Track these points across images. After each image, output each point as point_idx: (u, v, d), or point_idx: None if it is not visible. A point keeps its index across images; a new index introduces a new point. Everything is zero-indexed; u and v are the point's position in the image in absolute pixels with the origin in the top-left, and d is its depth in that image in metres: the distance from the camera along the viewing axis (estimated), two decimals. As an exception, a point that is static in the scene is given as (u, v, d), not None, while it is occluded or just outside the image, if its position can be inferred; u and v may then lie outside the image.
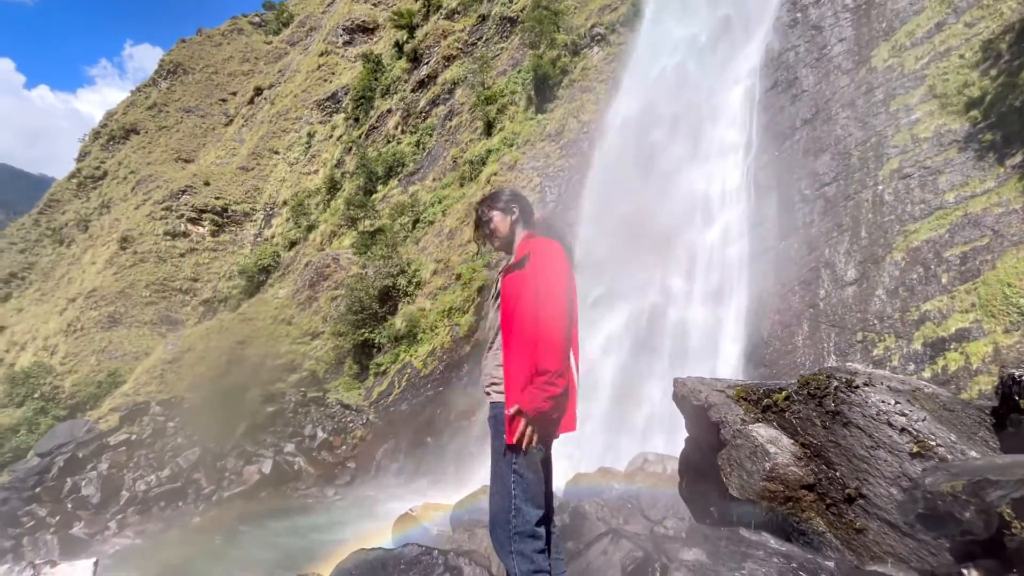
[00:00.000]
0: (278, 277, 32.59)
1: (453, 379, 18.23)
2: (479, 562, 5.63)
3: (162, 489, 17.32)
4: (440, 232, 23.21)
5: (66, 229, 55.33)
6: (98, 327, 37.38)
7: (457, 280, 20.33)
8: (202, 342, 27.57)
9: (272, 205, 42.74)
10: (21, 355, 41.10)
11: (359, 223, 27.73)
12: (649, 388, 12.84)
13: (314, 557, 10.54)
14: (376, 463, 17.91)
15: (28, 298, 50.47)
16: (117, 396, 26.52)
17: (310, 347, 25.16)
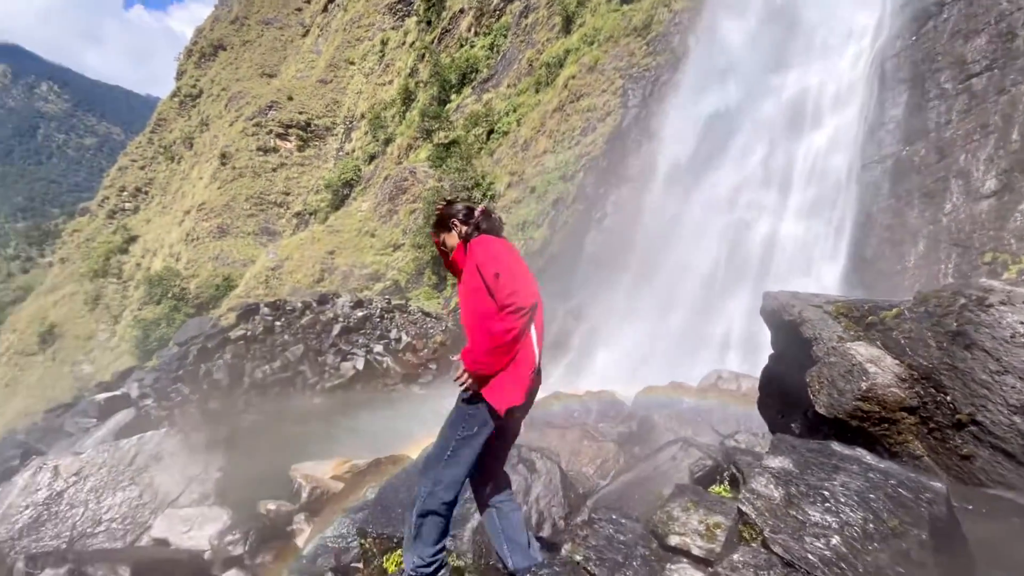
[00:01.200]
0: (360, 191, 33.88)
1: (527, 292, 18.58)
2: (550, 457, 6.04)
3: (275, 377, 19.94)
4: (515, 143, 22.56)
5: (174, 146, 60.24)
6: (210, 237, 41.65)
7: (531, 193, 20.00)
8: (297, 252, 29.95)
9: (351, 119, 43.41)
10: (154, 260, 47.19)
11: (434, 135, 27.58)
12: (730, 306, 12.34)
13: (402, 442, 11.85)
14: (449, 365, 19.24)
15: (153, 210, 56.79)
16: (232, 298, 30.04)
17: (392, 258, 26.53)
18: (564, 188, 18.55)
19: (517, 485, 5.38)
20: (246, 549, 6.77)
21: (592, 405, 10.76)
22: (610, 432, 9.60)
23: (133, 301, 43.43)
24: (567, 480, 5.78)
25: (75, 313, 51.07)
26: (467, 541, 4.81)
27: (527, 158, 21.30)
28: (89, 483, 8.93)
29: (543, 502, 5.51)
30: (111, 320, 46.50)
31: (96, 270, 50.69)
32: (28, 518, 8.62)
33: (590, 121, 19.18)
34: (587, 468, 7.42)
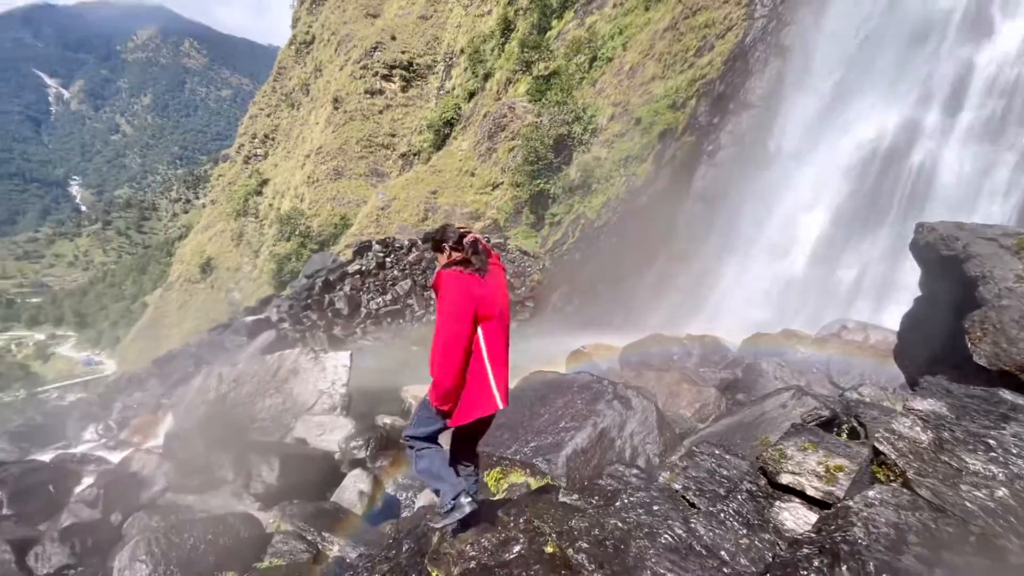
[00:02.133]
0: (460, 129, 34.15)
1: (628, 231, 17.92)
2: (646, 396, 5.98)
3: (387, 309, 21.74)
4: (619, 70, 21.01)
5: (293, 94, 64.66)
6: (328, 179, 45.03)
7: (636, 125, 18.73)
8: (404, 192, 31.43)
9: (450, 55, 43.14)
10: (283, 201, 52.44)
11: (533, 66, 26.55)
12: (864, 247, 10.90)
13: (502, 374, 12.44)
14: (552, 304, 19.47)
15: (279, 155, 62.40)
16: (348, 236, 32.67)
17: (491, 197, 26.84)
18: (673, 118, 17.11)
19: (611, 420, 5.44)
20: (367, 454, 7.70)
21: (693, 349, 10.37)
22: (712, 377, 9.26)
23: (268, 238, 49.11)
24: (663, 419, 5.72)
25: (225, 248, 59.15)
26: (561, 466, 5.03)
27: (632, 86, 19.82)
28: (245, 388, 10.61)
29: (637, 438, 5.54)
30: (252, 254, 53.21)
31: (238, 210, 57.70)
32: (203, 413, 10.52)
33: (707, 39, 17.16)
34: (685, 411, 7.27)
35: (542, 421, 5.61)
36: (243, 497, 5.93)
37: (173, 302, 61.64)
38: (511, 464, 5.31)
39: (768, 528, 1.80)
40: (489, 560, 2.23)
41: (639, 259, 17.12)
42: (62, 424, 16.68)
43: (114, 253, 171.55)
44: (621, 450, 5.23)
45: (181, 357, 20.87)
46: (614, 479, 3.05)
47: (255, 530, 4.81)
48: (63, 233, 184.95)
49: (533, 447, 5.29)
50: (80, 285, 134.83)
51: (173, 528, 4.41)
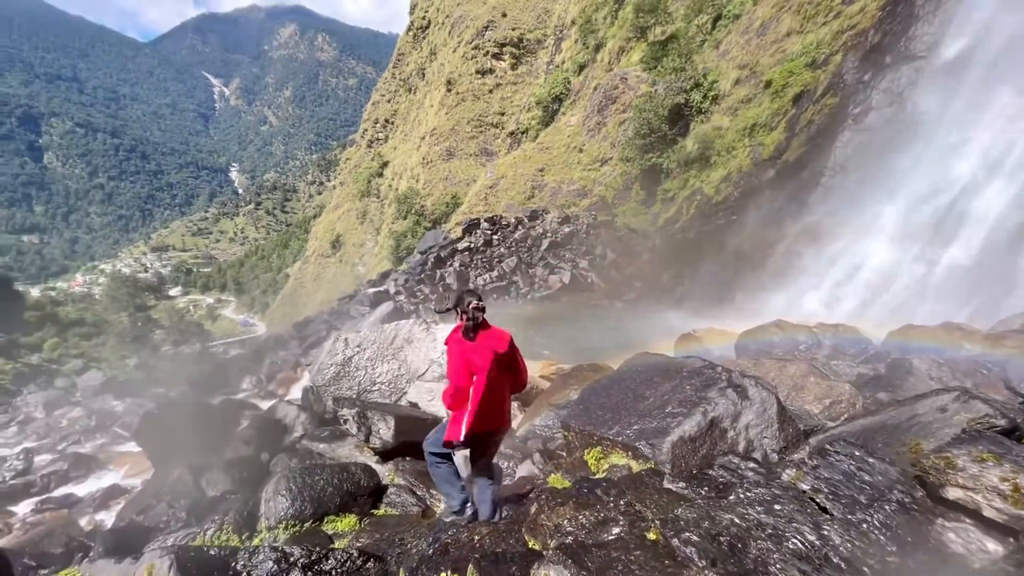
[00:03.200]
0: (569, 105, 33.50)
1: (750, 207, 16.40)
2: (766, 386, 5.46)
3: (493, 285, 22.38)
4: (748, 28, 18.98)
5: (411, 78, 68.04)
6: (441, 159, 47.08)
7: (766, 88, 16.87)
8: (511, 170, 31.81)
9: (561, 27, 42.22)
10: (400, 182, 56.01)
11: (649, 32, 25.01)
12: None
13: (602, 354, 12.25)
14: (661, 285, 18.61)
15: (398, 138, 66.46)
16: (458, 214, 34.02)
17: (599, 173, 26.12)
18: (811, 78, 15.13)
19: (724, 409, 5.06)
20: (473, 421, 8.02)
21: (825, 339, 9.31)
22: (847, 371, 8.26)
23: (388, 216, 52.92)
24: (785, 413, 5.19)
25: (351, 226, 64.96)
26: (666, 452, 4.82)
27: (763, 45, 17.82)
28: (367, 353, 11.65)
29: (753, 431, 5.10)
30: (374, 232, 57.82)
31: (362, 191, 62.82)
32: (332, 373, 11.77)
33: (858, -17, 14.80)
34: (812, 406, 6.55)
35: (647, 404, 5.40)
36: (363, 450, 6.53)
37: (309, 274, 69.46)
38: (612, 445, 5.20)
39: (927, 548, 1.50)
40: (587, 538, 2.18)
41: (762, 238, 15.61)
42: (226, 374, 19.77)
43: (264, 230, 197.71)
44: (734, 442, 4.86)
45: (316, 322, 23.50)
46: (727, 471, 2.82)
47: (373, 480, 5.28)
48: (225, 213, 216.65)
49: (636, 430, 5.12)
50: (238, 257, 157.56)
51: (307, 470, 5.00)
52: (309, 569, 2.98)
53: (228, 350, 57.04)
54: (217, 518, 4.75)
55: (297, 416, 8.06)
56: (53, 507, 10.07)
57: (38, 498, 10.96)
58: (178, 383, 21.74)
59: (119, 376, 31.29)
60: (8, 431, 21.44)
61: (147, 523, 6.29)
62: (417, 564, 2.95)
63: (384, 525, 4.68)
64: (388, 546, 3.98)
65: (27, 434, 20.01)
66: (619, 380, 6.19)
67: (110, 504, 9.72)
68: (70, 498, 10.58)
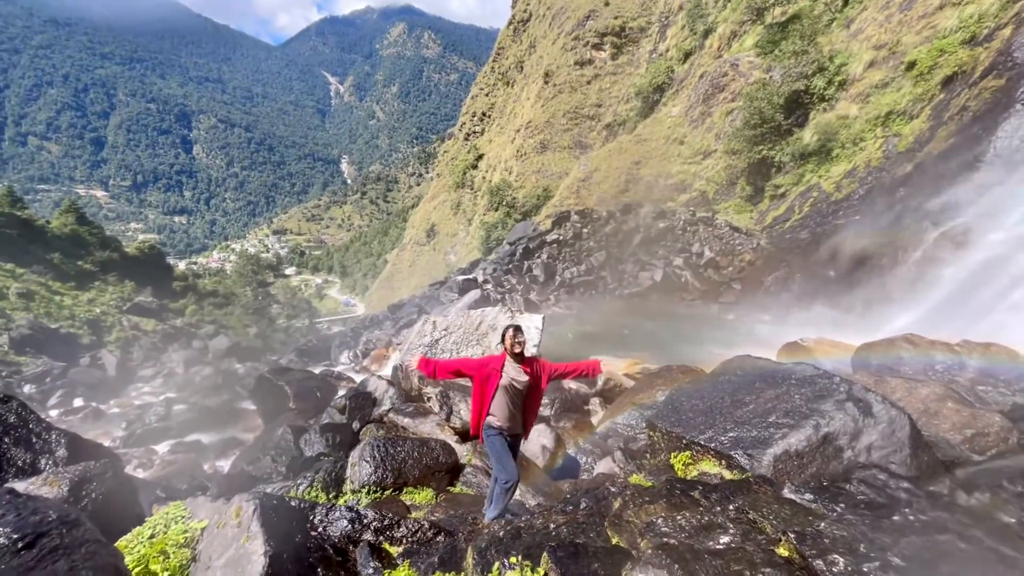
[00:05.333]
0: (672, 95, 31.91)
1: (878, 206, 14.51)
2: (896, 405, 4.75)
3: (580, 279, 22.02)
4: (889, 3, 16.73)
5: (509, 72, 68.79)
6: (534, 152, 47.17)
7: (908, 71, 14.75)
8: (605, 163, 31.02)
9: (667, 14, 40.26)
10: (494, 174, 57.04)
11: (767, 13, 22.98)
12: None
13: (695, 356, 11.52)
14: (764, 288, 17.15)
15: (493, 131, 67.68)
16: (549, 206, 33.90)
17: (701, 167, 24.61)
18: (968, 57, 12.98)
19: (841, 425, 4.47)
20: (552, 412, 7.91)
21: (970, 361, 7.99)
22: (997, 399, 7.06)
23: (480, 207, 54.19)
24: (920, 438, 4.47)
25: (445, 216, 67.47)
26: (767, 465, 4.37)
27: (907, 21, 15.61)
28: (453, 337, 11.94)
29: (876, 453, 4.45)
30: (466, 222, 59.55)
31: (457, 183, 64.91)
32: (420, 353, 12.23)
33: (1041, -60, 12.38)
34: (950, 435, 5.62)
35: (746, 411, 4.93)
36: (444, 429, 6.67)
37: (405, 260, 73.38)
38: (703, 451, 4.81)
39: None
40: (691, 542, 1.95)
41: (892, 242, 13.73)
42: (328, 348, 21.44)
43: (367, 218, 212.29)
44: (851, 463, 4.27)
45: (408, 305, 24.69)
46: (870, 487, 2.41)
47: (451, 458, 5.35)
48: (335, 201, 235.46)
49: (732, 437, 4.69)
50: (344, 242, 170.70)
51: (391, 441, 5.18)
52: (381, 533, 3.03)
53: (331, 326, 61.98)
54: (310, 475, 5.08)
55: (386, 391, 8.46)
56: (184, 450, 11.54)
57: (174, 440, 12.62)
58: (288, 352, 23.99)
59: (242, 342, 35.28)
60: (155, 382, 25.03)
61: (254, 473, 6.92)
62: (487, 544, 2.88)
63: (458, 502, 4.71)
64: (460, 523, 3.98)
65: (169, 386, 23.21)
66: (715, 383, 5.73)
67: (228, 452, 10.94)
68: (198, 444, 12.06)
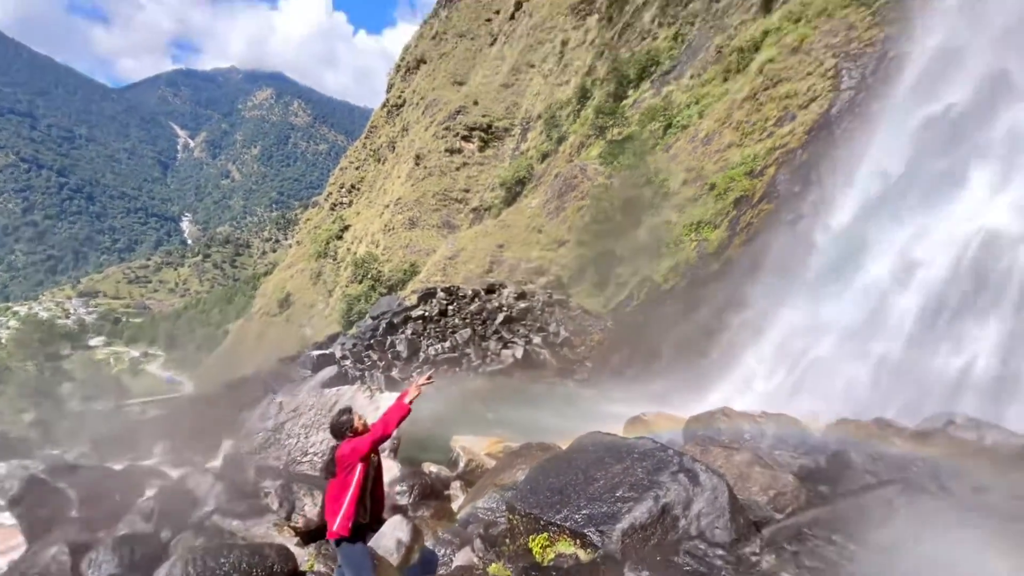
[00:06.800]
0: (532, 188, 35.26)
1: (696, 298, 17.25)
2: (716, 472, 5.40)
3: (445, 356, 21.88)
4: (694, 137, 21.07)
5: (381, 150, 70.26)
6: (403, 228, 47.60)
7: (710, 191, 18.45)
8: (472, 243, 32.45)
9: (527, 120, 45.43)
10: (360, 246, 55.79)
11: (607, 132, 27.28)
12: (973, 335, 9.73)
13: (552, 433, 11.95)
14: (611, 367, 18.79)
15: (362, 204, 67.14)
16: (415, 282, 33.92)
17: (557, 254, 27.04)
18: (749, 185, 16.70)
19: (676, 495, 4.93)
20: (410, 501, 7.45)
21: (768, 429, 9.48)
22: (790, 462, 8.33)
23: (342, 279, 52.01)
24: (736, 502, 5.11)
25: (303, 285, 63.20)
26: (616, 540, 4.58)
27: (707, 153, 19.72)
28: (302, 419, 10.81)
29: (704, 520, 4.96)
30: (327, 293, 56.39)
31: (319, 252, 61.99)
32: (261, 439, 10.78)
33: (788, 110, 16.92)
34: (758, 496, 6.50)
35: (597, 487, 5.19)
36: (283, 529, 5.85)
37: (252, 332, 65.94)
38: (559, 531, 4.90)
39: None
40: None
41: (707, 327, 16.28)
42: (138, 436, 17.78)
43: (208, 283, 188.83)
44: (686, 531, 4.69)
45: (250, 383, 21.92)
46: (694, 558, 2.66)
47: (289, 565, 4.68)
48: (169, 262, 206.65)
49: (585, 515, 4.87)
50: (176, 309, 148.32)
51: (211, 552, 4.38)
52: None
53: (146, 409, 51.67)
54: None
55: (212, 487, 7.21)
56: None
57: None
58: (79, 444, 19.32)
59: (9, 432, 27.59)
60: None
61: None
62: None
63: (297, 622, 4.08)
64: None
65: None
66: (569, 459, 5.96)
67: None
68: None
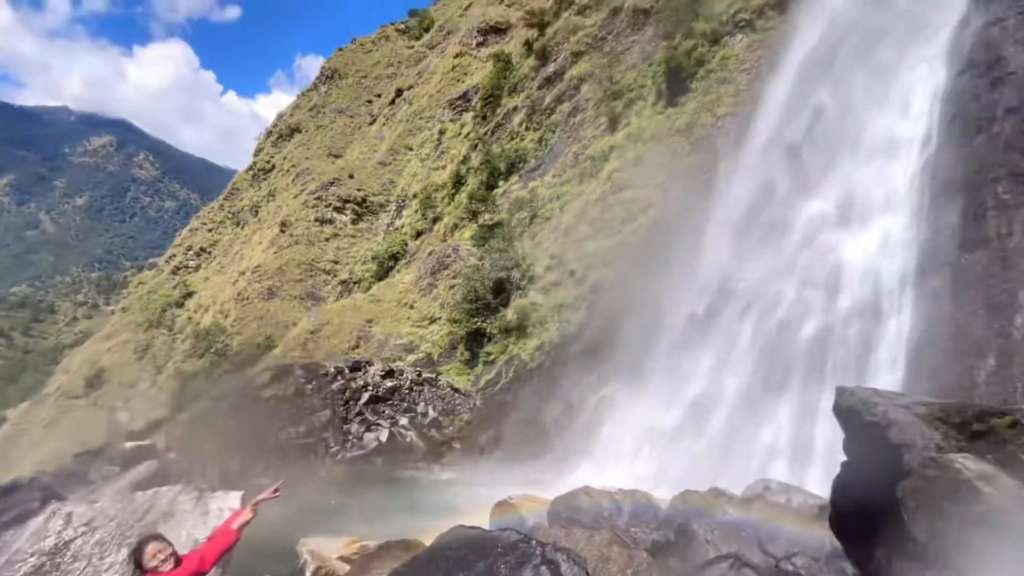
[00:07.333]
0: (404, 264, 35.19)
1: (559, 376, 18.17)
2: (576, 561, 5.46)
3: (299, 442, 19.66)
4: (556, 228, 23.24)
5: (242, 213, 65.31)
6: (259, 298, 43.59)
7: (570, 277, 20.19)
8: (338, 317, 30.78)
9: (404, 198, 46.26)
10: (205, 316, 49.44)
11: (479, 216, 28.83)
12: (776, 408, 11.56)
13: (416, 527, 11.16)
14: (480, 447, 18.52)
15: (212, 269, 60.52)
16: (270, 358, 30.70)
17: (427, 331, 26.79)
18: (604, 274, 18.64)
19: (537, 589, 4.85)
20: (239, 630, 6.25)
21: (624, 505, 9.95)
22: (644, 539, 8.75)
23: (178, 353, 45.08)
24: (595, 589, 5.18)
25: (124, 360, 53.23)
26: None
27: (568, 243, 21.76)
28: (97, 535, 8.69)
29: (566, 613, 4.92)
30: (155, 370, 48.10)
31: (152, 321, 53.44)
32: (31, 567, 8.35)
33: (631, 212, 19.65)
34: (617, 578, 6.69)
35: (459, 590, 4.91)
36: None
37: (41, 418, 52.75)
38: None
39: None
40: None
41: (570, 405, 17.09)
42: None
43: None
44: (546, 629, 4.58)
45: (26, 488, 17.17)
46: None
47: None
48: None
49: (446, 624, 4.54)
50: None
51: None
52: None
53: None
54: None
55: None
56: None
57: None
58: None
59: None
60: None
61: None
62: None
63: None
64: None
65: None
66: (432, 560, 5.61)
67: None
68: None
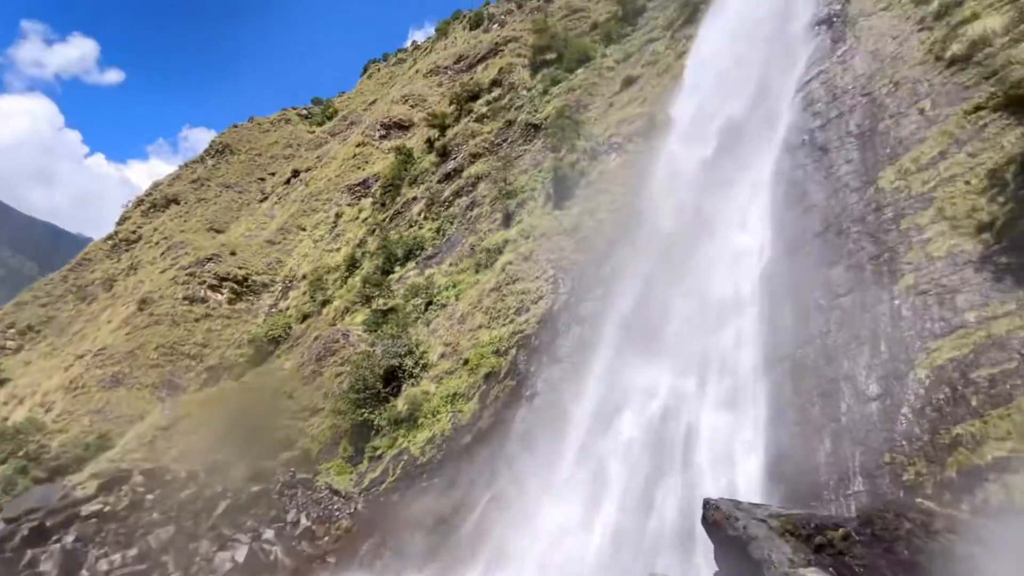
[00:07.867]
0: (287, 349, 32.49)
1: (451, 471, 17.26)
2: None
3: (125, 571, 15.99)
4: (451, 315, 23.29)
5: (91, 287, 56.90)
6: (99, 386, 36.99)
7: (464, 365, 19.98)
8: (200, 409, 26.89)
9: (291, 278, 43.81)
10: (17, 410, 40.41)
11: (373, 301, 28.05)
12: (659, 498, 11.94)
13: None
14: (359, 559, 16.48)
15: (38, 352, 50.68)
16: (101, 461, 25.43)
17: (307, 424, 24.35)
18: (497, 362, 18.74)
19: None
20: None
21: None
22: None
23: (-30, 458, 35.65)
24: None
25: None
26: None
27: (463, 331, 21.81)
28: None
29: None
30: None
31: (-62, 417, 42.29)
32: None
33: (524, 302, 20.44)
34: None
35: None
36: None
37: None
38: None
39: None
40: None
41: (461, 503, 16.12)
42: None
43: None
44: None
45: None
46: None
47: None
48: None
49: None
50: None
51: None
52: None
53: None
54: None
55: None
56: None
57: None
58: None
59: None
60: None
61: None
62: None
63: None
64: None
65: None
66: None
67: None
68: None
